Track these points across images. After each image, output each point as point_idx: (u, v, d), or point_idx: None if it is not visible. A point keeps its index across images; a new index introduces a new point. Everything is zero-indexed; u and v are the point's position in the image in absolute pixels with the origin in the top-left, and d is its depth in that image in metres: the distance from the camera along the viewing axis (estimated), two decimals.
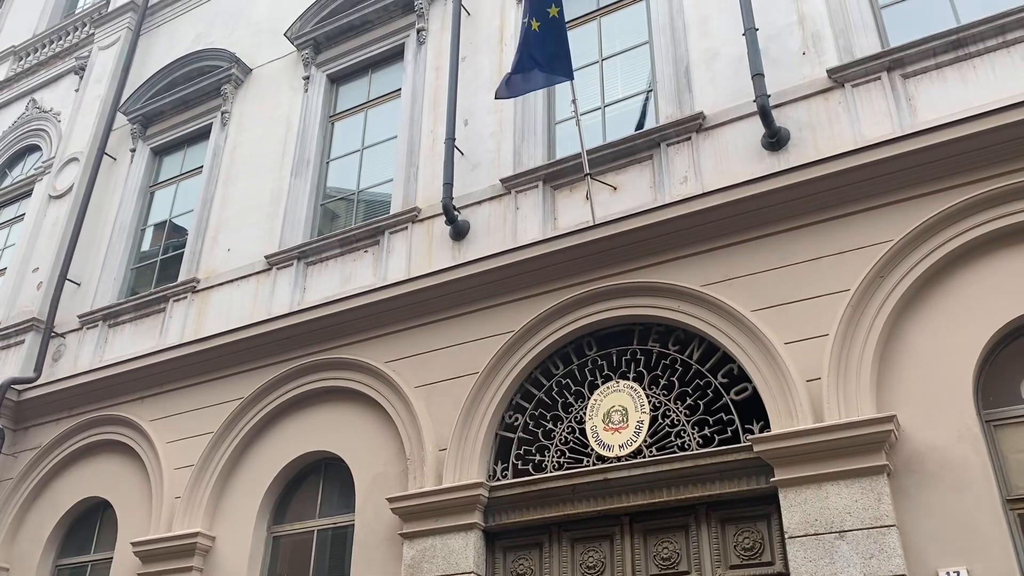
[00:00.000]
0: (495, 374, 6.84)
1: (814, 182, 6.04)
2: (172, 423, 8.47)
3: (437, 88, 8.69)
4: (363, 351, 7.64)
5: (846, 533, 5.11)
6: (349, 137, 9.48)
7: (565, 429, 6.54)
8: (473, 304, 7.26)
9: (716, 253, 6.38)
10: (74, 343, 9.89)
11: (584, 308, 6.70)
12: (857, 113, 6.25)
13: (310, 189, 9.14)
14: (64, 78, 12.75)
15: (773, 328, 5.89)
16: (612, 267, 6.73)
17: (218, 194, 9.83)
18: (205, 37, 11.39)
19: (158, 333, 9.26)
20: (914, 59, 6.20)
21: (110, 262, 10.25)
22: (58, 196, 11.11)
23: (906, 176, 5.79)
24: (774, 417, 5.65)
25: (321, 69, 9.87)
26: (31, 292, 10.42)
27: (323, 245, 8.51)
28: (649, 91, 7.57)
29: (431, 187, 8.15)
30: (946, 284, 5.56)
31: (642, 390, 6.31)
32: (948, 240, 5.55)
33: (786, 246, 6.13)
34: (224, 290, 9.02)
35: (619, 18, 8.15)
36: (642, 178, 7.07)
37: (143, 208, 10.72)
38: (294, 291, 8.46)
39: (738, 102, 6.80)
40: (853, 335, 5.58)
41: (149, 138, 11.05)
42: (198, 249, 9.56)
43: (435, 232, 7.92)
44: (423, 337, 7.42)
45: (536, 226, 7.34)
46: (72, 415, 9.20)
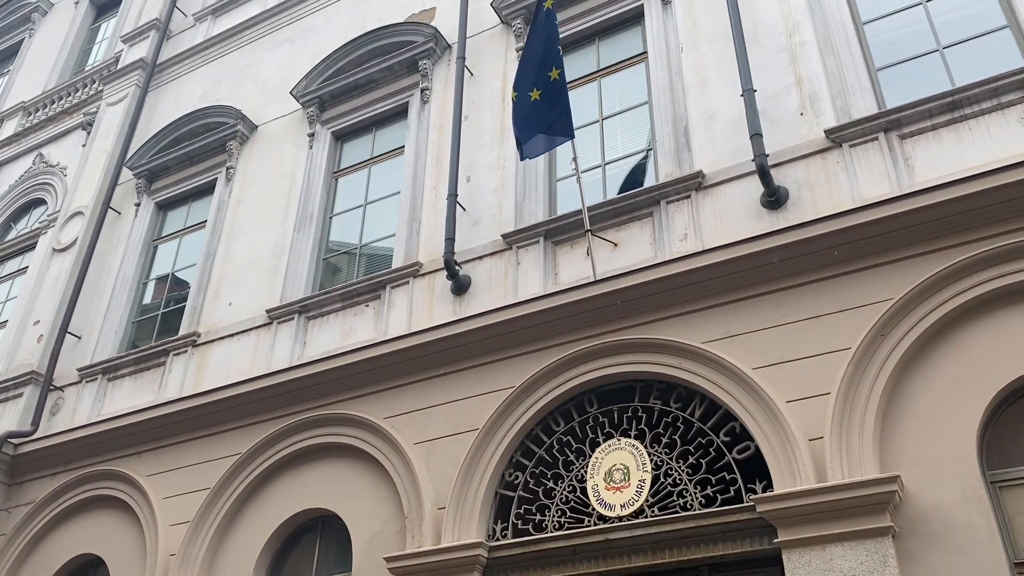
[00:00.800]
0: (495, 431, 6.79)
1: (813, 240, 6.08)
2: (169, 478, 8.38)
3: (440, 145, 8.81)
4: (363, 406, 7.60)
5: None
6: (352, 192, 9.58)
7: (566, 488, 6.47)
8: (474, 359, 7.24)
9: (717, 310, 6.39)
10: (72, 396, 9.84)
11: (585, 364, 6.68)
12: (855, 173, 6.32)
13: (312, 243, 9.20)
14: (72, 133, 12.93)
15: (775, 386, 5.87)
16: (613, 323, 6.73)
17: (221, 248, 9.89)
18: (212, 94, 11.58)
19: (157, 387, 9.22)
20: (910, 120, 6.30)
21: (111, 315, 10.26)
22: (62, 249, 11.17)
23: (905, 235, 5.83)
24: (777, 477, 5.59)
25: (326, 126, 10.01)
26: (31, 345, 10.41)
27: (324, 299, 8.53)
28: (649, 150, 7.67)
29: (433, 242, 8.20)
30: (948, 343, 5.55)
31: (644, 448, 6.26)
32: (948, 299, 5.56)
33: (787, 304, 6.14)
34: (224, 344, 9.01)
35: (619, 79, 8.30)
36: (642, 235, 7.11)
37: (146, 262, 10.77)
38: (294, 345, 8.45)
39: (737, 161, 6.88)
40: (855, 394, 5.55)
41: (154, 192, 11.16)
42: (199, 303, 9.58)
43: (436, 287, 7.95)
44: (423, 392, 7.39)
45: (537, 281, 7.36)
46: (68, 470, 9.11)
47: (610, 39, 8.57)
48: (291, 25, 11.47)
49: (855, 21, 7.07)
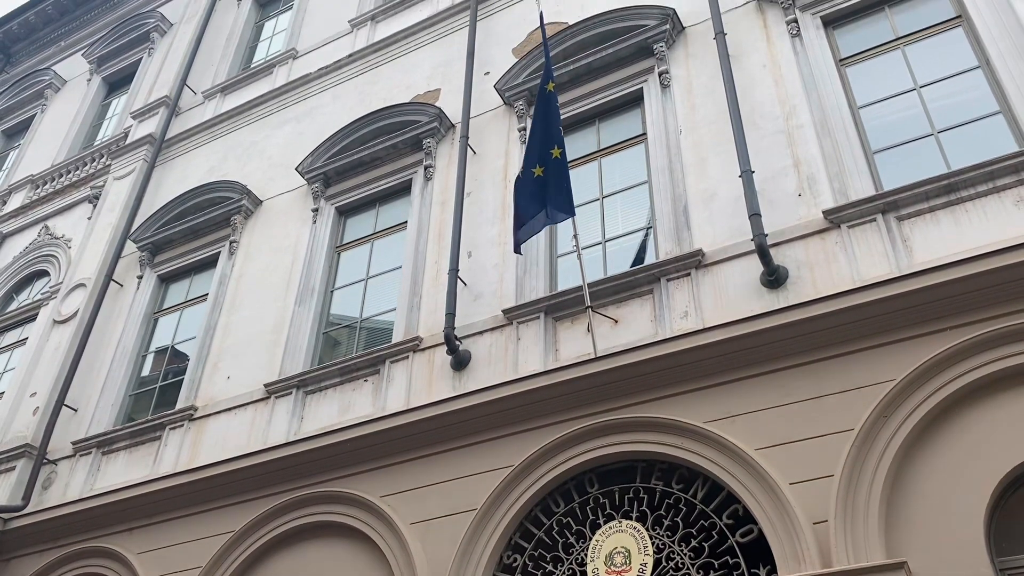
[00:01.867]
0: (494, 511, 6.67)
1: (814, 320, 6.08)
2: (160, 557, 8.19)
3: (442, 221, 8.89)
4: (359, 484, 7.48)
5: None
6: (354, 267, 9.63)
7: (566, 571, 6.31)
8: (473, 436, 7.16)
9: (718, 389, 6.35)
10: (65, 470, 9.70)
11: (585, 443, 6.60)
12: (854, 253, 6.35)
13: (313, 317, 9.21)
14: (78, 206, 13.07)
15: (778, 468, 5.78)
16: (614, 401, 6.67)
17: (221, 321, 9.89)
18: (218, 169, 11.75)
19: (152, 461, 9.09)
20: (908, 202, 6.37)
21: (109, 388, 10.19)
22: (62, 321, 11.17)
23: (905, 316, 5.83)
24: (781, 561, 5.46)
25: (330, 202, 10.12)
26: (27, 417, 10.31)
27: (323, 374, 8.49)
28: (649, 228, 7.74)
29: (433, 317, 8.21)
30: (952, 425, 5.49)
31: (645, 531, 6.13)
32: (951, 380, 5.52)
33: (789, 383, 6.10)
34: (221, 418, 8.92)
35: (619, 159, 8.43)
36: (643, 312, 7.12)
37: (146, 334, 10.75)
38: (291, 420, 8.37)
39: (736, 240, 6.93)
40: (859, 476, 5.47)
41: (157, 265, 11.22)
42: (198, 376, 9.53)
43: (436, 362, 7.92)
44: (421, 470, 7.28)
45: (537, 357, 7.33)
46: (58, 546, 8.91)
47: (610, 120, 8.74)
48: (298, 104, 11.72)
49: (851, 105, 7.21)
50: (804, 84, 7.47)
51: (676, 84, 8.28)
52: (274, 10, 14.21)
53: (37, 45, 17.62)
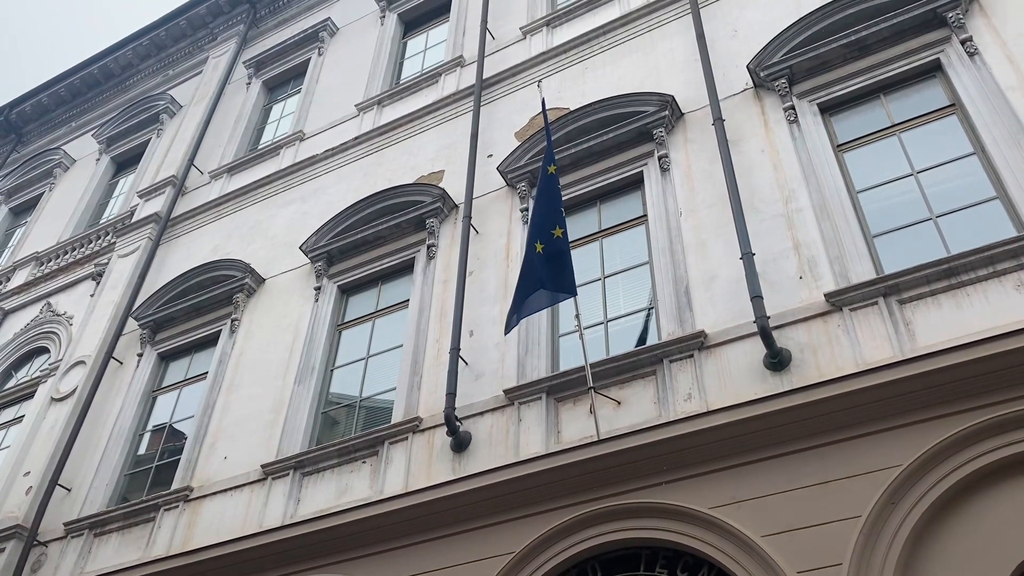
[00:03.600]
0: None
1: (818, 404, 6.02)
2: None
3: (444, 300, 8.91)
4: (355, 570, 7.30)
5: None
6: (355, 345, 9.60)
7: None
8: (472, 522, 7.01)
9: (723, 473, 6.24)
10: (56, 553, 9.48)
11: (588, 529, 6.47)
12: (857, 336, 6.34)
13: (312, 396, 9.13)
14: (81, 283, 13.14)
15: (785, 556, 5.65)
16: (617, 485, 6.55)
17: (220, 400, 9.81)
18: (223, 248, 11.84)
19: (145, 544, 8.89)
20: (909, 286, 6.38)
21: (104, 467, 10.03)
22: (60, 399, 11.08)
23: (909, 400, 5.78)
24: None
25: (332, 280, 10.17)
26: (19, 497, 10.13)
27: (321, 455, 8.37)
28: (651, 308, 7.74)
29: (434, 396, 8.14)
30: (961, 512, 5.40)
31: None
32: (958, 467, 5.45)
33: (794, 468, 6.01)
34: (217, 500, 8.76)
35: (620, 239, 8.49)
36: (646, 393, 7.06)
37: (144, 412, 10.64)
38: (288, 503, 8.22)
39: (738, 322, 6.92)
40: (868, 565, 5.34)
41: (157, 343, 11.19)
42: (195, 456, 9.40)
43: (436, 443, 7.82)
44: (419, 557, 7.10)
45: (539, 439, 7.24)
46: None
47: (611, 202, 8.84)
48: (304, 184, 11.88)
49: (849, 189, 7.30)
50: (803, 169, 7.58)
51: (676, 168, 8.41)
52: (283, 93, 14.55)
53: (48, 125, 18.00)
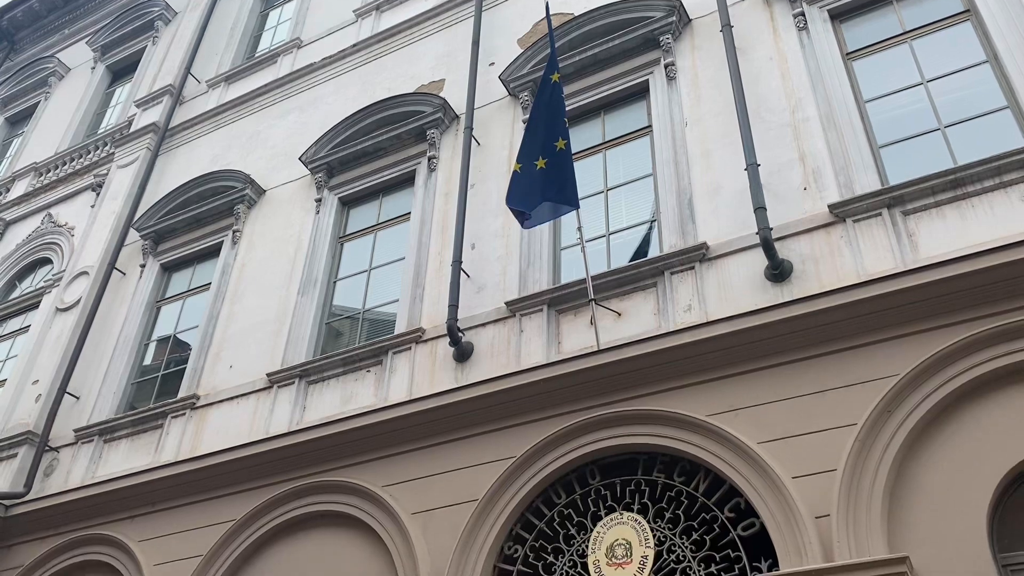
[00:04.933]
0: (495, 502, 6.67)
1: (818, 315, 6.06)
2: (161, 544, 8.20)
3: (446, 212, 8.87)
4: (361, 473, 7.48)
5: None
6: (357, 257, 9.61)
7: (567, 563, 6.32)
8: (475, 428, 7.16)
9: (721, 382, 6.34)
10: (67, 458, 9.72)
11: (587, 435, 6.60)
12: (859, 247, 6.34)
13: (316, 308, 9.20)
14: (81, 194, 13.06)
15: (780, 462, 5.78)
16: (616, 394, 6.66)
17: (224, 311, 9.89)
18: (222, 159, 11.73)
19: (154, 450, 9.10)
20: (913, 197, 6.34)
21: (111, 376, 10.19)
22: (65, 309, 11.17)
23: (910, 311, 5.81)
24: (782, 555, 5.46)
25: (333, 192, 10.11)
26: (29, 405, 10.32)
27: (325, 364, 8.49)
28: (653, 221, 7.71)
29: (436, 308, 8.20)
30: (955, 421, 5.48)
31: (646, 523, 6.13)
32: (955, 376, 5.51)
33: (792, 377, 6.09)
34: (223, 407, 8.93)
35: (624, 151, 8.40)
36: (646, 305, 7.10)
37: (148, 323, 10.75)
38: (294, 410, 8.37)
39: (741, 234, 6.91)
40: (862, 471, 5.46)
41: (160, 254, 11.21)
42: (200, 365, 9.53)
43: (438, 353, 7.91)
44: (423, 461, 7.28)
45: (540, 350, 7.32)
46: (59, 533, 8.93)
47: (615, 112, 8.71)
48: (302, 94, 11.69)
49: (857, 99, 7.18)
50: (811, 77, 7.44)
51: (682, 76, 8.26)
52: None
53: (41, 32, 17.59)
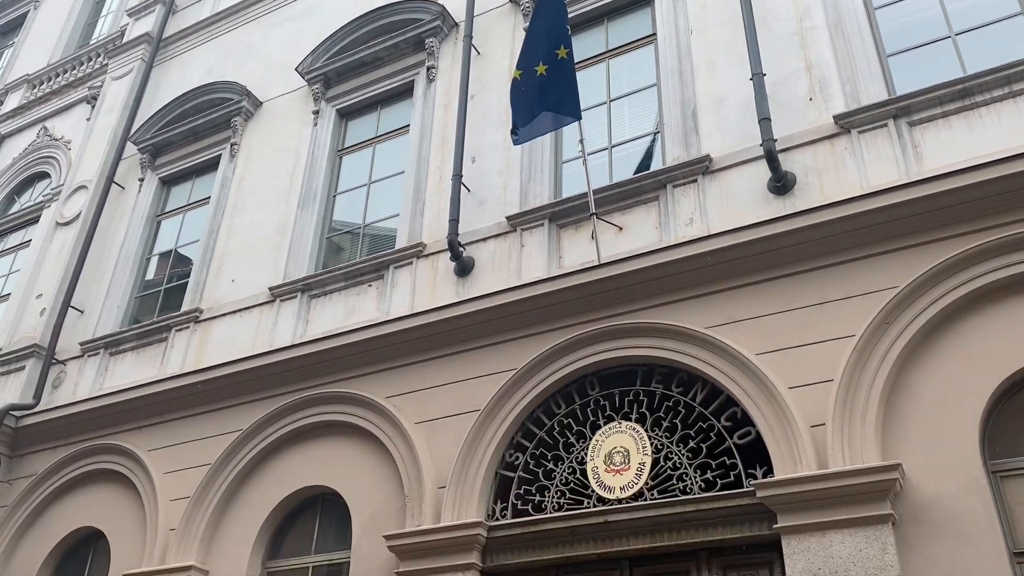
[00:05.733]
0: (496, 412, 6.79)
1: (820, 227, 6.05)
2: (170, 453, 8.40)
3: (445, 125, 8.75)
4: (364, 385, 7.60)
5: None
6: (356, 171, 9.53)
7: (566, 469, 6.47)
8: (476, 341, 7.23)
9: (721, 295, 6.37)
10: (74, 370, 9.85)
11: (587, 348, 6.67)
12: (863, 159, 6.27)
13: (316, 222, 9.17)
14: (76, 107, 12.87)
15: (778, 372, 5.85)
16: (616, 307, 6.71)
17: (224, 225, 9.87)
18: (217, 70, 11.51)
19: (159, 362, 9.22)
20: (920, 107, 6.24)
21: (114, 290, 10.25)
22: (65, 223, 11.15)
23: (912, 223, 5.80)
24: (777, 462, 5.58)
25: (331, 104, 9.95)
26: (34, 318, 10.41)
27: (327, 278, 8.52)
28: (656, 133, 7.61)
29: (437, 223, 8.17)
30: (952, 332, 5.53)
31: (644, 432, 6.25)
32: (955, 288, 5.54)
33: (792, 290, 6.12)
34: (227, 321, 9.00)
35: (627, 60, 8.23)
36: (648, 219, 7.08)
37: (149, 237, 10.75)
38: (297, 323, 8.44)
39: (745, 145, 6.83)
40: (858, 381, 5.54)
41: (158, 168, 11.11)
42: (202, 279, 9.57)
43: (439, 268, 7.92)
44: (425, 373, 7.39)
45: (541, 264, 7.33)
46: (69, 443, 9.13)
47: (619, 20, 8.50)
48: (297, 2, 11.38)
49: (866, 7, 6.99)
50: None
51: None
52: None
53: None
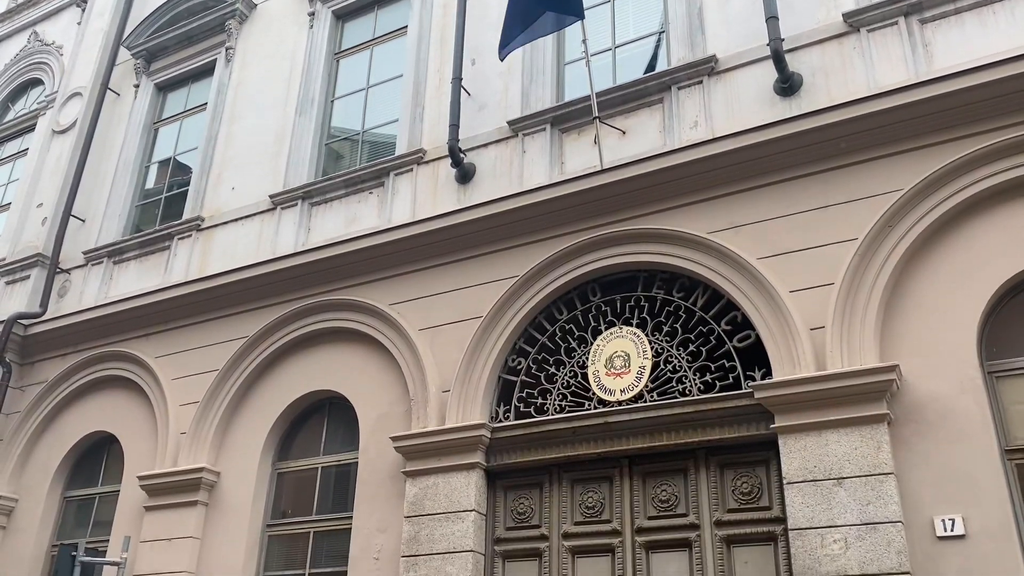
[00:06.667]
0: (499, 318, 6.86)
1: (826, 129, 5.96)
2: (177, 360, 8.53)
3: (444, 26, 8.52)
4: (368, 293, 7.65)
5: (844, 480, 5.16)
6: (354, 75, 9.35)
7: (567, 373, 6.57)
8: (478, 248, 7.24)
9: (724, 200, 6.33)
10: (79, 279, 9.91)
11: (589, 254, 6.68)
12: (872, 58, 6.13)
13: (314, 128, 9.05)
14: (66, 10, 12.50)
15: (779, 276, 5.87)
16: (619, 213, 6.68)
17: (222, 132, 9.75)
18: None
19: (163, 271, 9.27)
20: (933, 3, 6.06)
21: (114, 199, 10.21)
22: (61, 131, 11.02)
23: (920, 124, 5.71)
24: (776, 365, 5.66)
25: (327, 5, 9.67)
26: (36, 228, 10.41)
27: (328, 186, 8.46)
28: (661, 33, 7.43)
29: (437, 128, 8.06)
30: (955, 234, 5.52)
31: (645, 336, 6.32)
32: (959, 190, 5.50)
33: (795, 193, 6.07)
34: (228, 229, 9.00)
35: None
36: (652, 122, 6.98)
37: (147, 145, 10.63)
38: (298, 231, 8.44)
39: (751, 45, 6.67)
40: (859, 284, 5.56)
41: (153, 74, 10.91)
42: (202, 187, 9.51)
43: (440, 174, 7.86)
44: (428, 280, 7.42)
45: (543, 170, 7.27)
46: (78, 350, 9.26)
47: None
48: None
49: None
50: None
51: None
52: None
53: None
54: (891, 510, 4.98)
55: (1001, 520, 4.81)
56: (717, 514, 5.76)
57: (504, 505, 6.54)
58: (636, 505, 6.05)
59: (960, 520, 4.87)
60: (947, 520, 4.90)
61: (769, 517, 5.60)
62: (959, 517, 4.88)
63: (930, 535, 4.93)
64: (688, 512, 5.88)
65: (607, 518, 6.12)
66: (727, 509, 5.76)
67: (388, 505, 6.77)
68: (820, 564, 5.06)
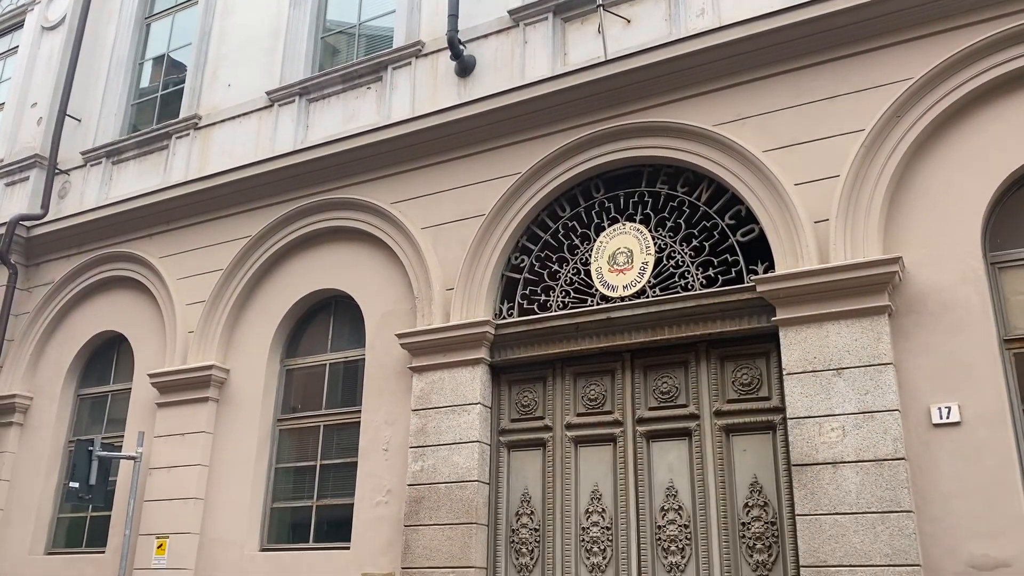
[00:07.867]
0: (502, 216, 6.83)
1: (833, 16, 5.78)
2: (181, 260, 8.56)
3: None
4: (369, 191, 7.60)
5: (844, 370, 5.23)
6: None
7: (570, 270, 6.59)
8: (480, 144, 7.14)
9: (731, 91, 6.21)
10: (79, 180, 9.85)
11: (592, 149, 6.59)
12: None
13: (309, 21, 8.81)
14: None
15: (784, 169, 5.81)
16: (623, 106, 6.56)
17: (216, 27, 9.49)
18: None
19: (162, 170, 9.19)
20: None
21: (110, 97, 10.03)
22: (51, 27, 10.74)
23: (932, 9, 5.53)
24: (779, 258, 5.66)
25: None
26: (31, 128, 10.27)
27: (325, 81, 8.29)
28: None
29: (436, 19, 7.84)
30: (962, 125, 5.43)
31: (648, 232, 6.30)
32: (969, 79, 5.38)
33: (802, 84, 5.94)
34: (227, 127, 8.87)
35: None
36: (657, 10, 6.77)
37: (140, 41, 10.38)
38: (297, 129, 8.32)
39: None
40: (865, 176, 5.50)
41: None
42: (198, 85, 9.33)
43: (440, 68, 7.68)
44: (429, 178, 7.35)
45: (545, 62, 7.10)
46: (82, 251, 9.29)
47: None
48: None
49: None
50: None
51: None
52: None
53: None
54: (889, 399, 5.08)
55: (996, 408, 4.90)
56: (717, 404, 5.88)
57: (508, 398, 6.67)
58: (637, 397, 6.17)
59: (956, 408, 4.97)
60: (943, 408, 5.00)
61: (768, 407, 5.71)
62: (955, 405, 4.97)
63: (926, 423, 5.03)
64: (688, 403, 5.99)
65: (609, 409, 6.26)
66: (727, 399, 5.88)
67: (395, 399, 6.91)
68: (817, 451, 5.19)
